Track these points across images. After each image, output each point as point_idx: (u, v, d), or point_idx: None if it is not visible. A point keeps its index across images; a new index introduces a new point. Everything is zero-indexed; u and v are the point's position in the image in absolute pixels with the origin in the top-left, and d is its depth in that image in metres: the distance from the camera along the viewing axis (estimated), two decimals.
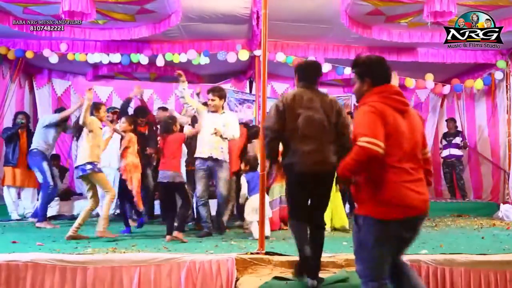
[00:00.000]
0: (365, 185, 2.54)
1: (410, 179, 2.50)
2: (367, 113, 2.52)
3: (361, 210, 2.57)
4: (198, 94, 6.65)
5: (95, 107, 5.39)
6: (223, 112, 5.65)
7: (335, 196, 5.59)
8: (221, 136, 5.41)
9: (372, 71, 2.68)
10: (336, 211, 5.77)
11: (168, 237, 4.86)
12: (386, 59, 2.81)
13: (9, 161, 6.73)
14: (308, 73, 3.62)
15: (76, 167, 5.25)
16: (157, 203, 6.83)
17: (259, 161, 5.10)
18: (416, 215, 2.52)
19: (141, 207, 5.71)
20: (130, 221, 5.79)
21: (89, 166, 5.09)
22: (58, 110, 7.02)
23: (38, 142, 6.35)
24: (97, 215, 6.79)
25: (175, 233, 4.90)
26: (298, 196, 3.47)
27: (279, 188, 5.75)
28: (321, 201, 3.52)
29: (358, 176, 2.56)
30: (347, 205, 6.59)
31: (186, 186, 5.32)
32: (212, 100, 5.52)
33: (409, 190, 2.47)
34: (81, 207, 7.43)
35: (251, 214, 5.14)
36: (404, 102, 2.61)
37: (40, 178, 6.26)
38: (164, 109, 7.15)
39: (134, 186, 5.57)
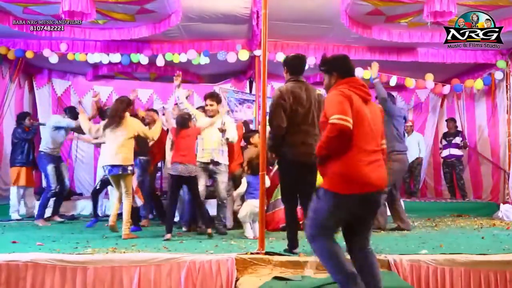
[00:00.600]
0: (330, 162, 2.79)
1: (370, 160, 2.77)
2: (335, 96, 2.83)
3: (324, 184, 2.83)
4: (186, 98, 6.54)
5: (128, 103, 5.36)
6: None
7: None
8: (224, 131, 5.51)
9: (339, 66, 3.04)
10: None
11: (168, 235, 4.89)
12: (347, 57, 3.20)
13: (23, 161, 6.76)
14: (298, 67, 4.07)
15: (117, 166, 5.10)
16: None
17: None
18: (373, 191, 2.78)
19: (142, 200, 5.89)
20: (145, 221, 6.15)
21: (130, 168, 5.17)
22: (68, 109, 7.04)
23: (47, 143, 6.47)
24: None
25: (209, 230, 5.04)
26: (290, 184, 4.06)
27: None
28: (310, 188, 3.90)
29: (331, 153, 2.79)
30: None
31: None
32: (211, 105, 5.67)
33: (368, 169, 2.74)
34: (81, 207, 7.48)
35: (245, 216, 5.21)
36: (368, 93, 2.94)
37: (45, 181, 6.38)
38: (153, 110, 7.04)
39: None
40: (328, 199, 2.77)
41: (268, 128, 4.13)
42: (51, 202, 6.55)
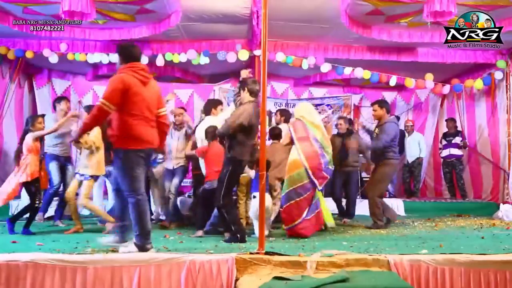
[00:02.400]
0: (119, 128, 3.75)
1: (146, 125, 3.83)
2: (112, 81, 3.80)
3: (120, 145, 3.78)
4: (167, 101, 6.56)
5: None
6: None
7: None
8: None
9: (122, 51, 3.98)
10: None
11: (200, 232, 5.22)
12: (136, 46, 4.10)
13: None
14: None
15: None
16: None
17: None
18: (149, 147, 3.88)
19: None
20: None
21: None
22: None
23: (51, 142, 6.39)
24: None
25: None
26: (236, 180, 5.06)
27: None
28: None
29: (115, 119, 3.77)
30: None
31: None
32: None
33: (145, 131, 3.81)
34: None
35: (257, 212, 5.16)
36: (146, 76, 3.90)
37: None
38: None
39: None
40: (125, 157, 3.75)
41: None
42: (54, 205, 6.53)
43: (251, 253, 3.78)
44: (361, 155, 6.88)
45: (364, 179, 8.55)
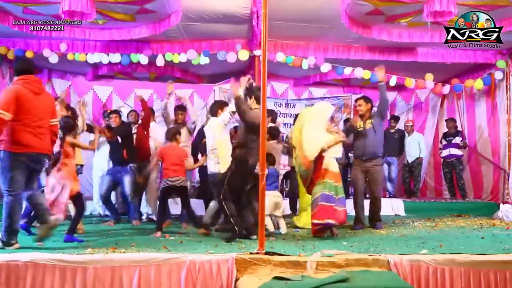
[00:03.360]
0: (10, 132, 4.04)
1: (35, 132, 4.14)
2: (5, 92, 4.16)
3: (2, 148, 4.07)
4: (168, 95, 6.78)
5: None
6: None
7: None
8: None
9: (15, 67, 4.38)
10: None
11: (159, 233, 5.25)
12: (28, 60, 4.98)
13: None
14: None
15: None
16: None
17: (275, 158, 5.67)
18: (36, 152, 4.17)
19: None
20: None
21: None
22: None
23: None
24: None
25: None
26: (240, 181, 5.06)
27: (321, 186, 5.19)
28: None
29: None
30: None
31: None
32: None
33: (31, 138, 4.11)
34: None
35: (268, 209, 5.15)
36: (39, 88, 4.27)
37: None
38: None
39: None
40: (7, 159, 4.05)
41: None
42: None
43: (251, 253, 3.78)
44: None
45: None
